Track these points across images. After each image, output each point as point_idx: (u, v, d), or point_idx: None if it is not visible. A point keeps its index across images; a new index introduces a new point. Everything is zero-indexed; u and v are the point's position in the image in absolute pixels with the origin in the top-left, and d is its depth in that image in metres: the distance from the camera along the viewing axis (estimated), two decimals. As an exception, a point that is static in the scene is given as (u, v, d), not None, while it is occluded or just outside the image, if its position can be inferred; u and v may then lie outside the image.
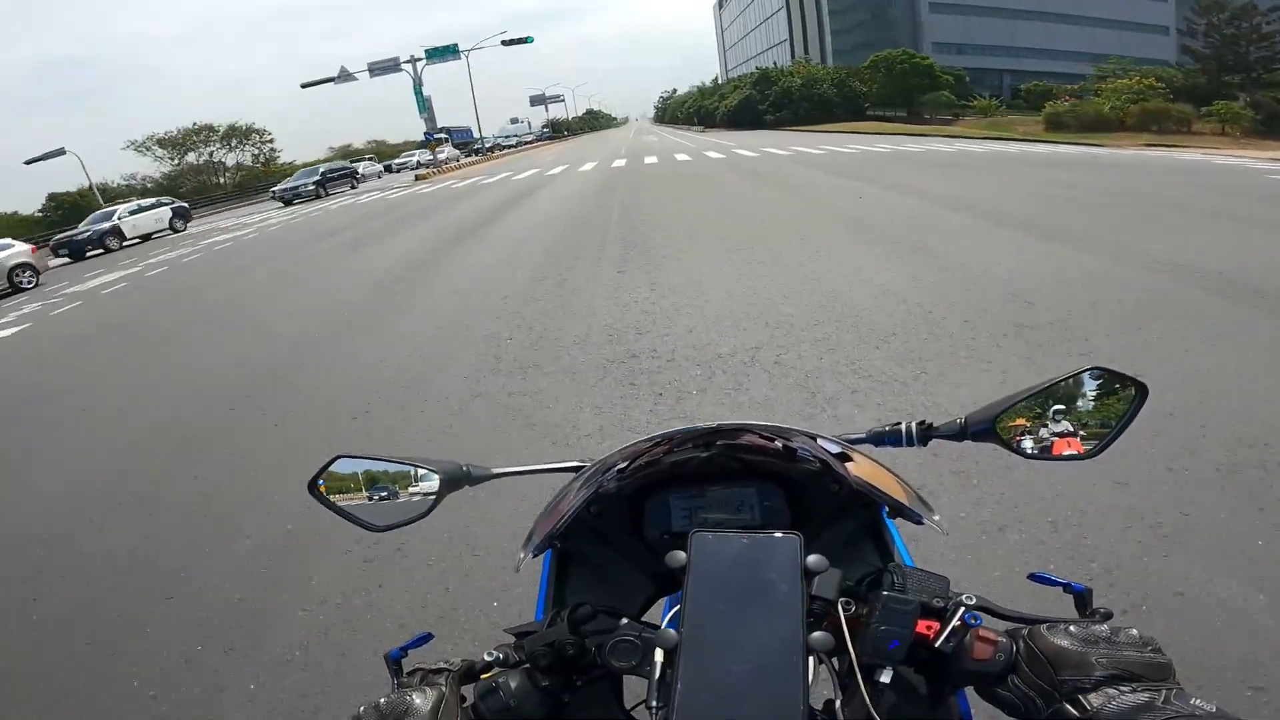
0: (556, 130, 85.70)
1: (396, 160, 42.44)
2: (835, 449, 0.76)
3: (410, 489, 0.83)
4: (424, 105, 29.20)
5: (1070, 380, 0.75)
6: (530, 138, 74.61)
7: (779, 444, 0.77)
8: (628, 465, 0.76)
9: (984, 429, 0.76)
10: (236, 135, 51.09)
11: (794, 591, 0.54)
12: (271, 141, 53.17)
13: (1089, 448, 0.75)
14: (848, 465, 0.74)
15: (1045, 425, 0.76)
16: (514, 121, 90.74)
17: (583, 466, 0.82)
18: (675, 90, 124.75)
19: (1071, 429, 0.76)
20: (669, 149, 28.82)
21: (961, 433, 0.78)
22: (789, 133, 37.67)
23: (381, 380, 4.39)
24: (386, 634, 2.07)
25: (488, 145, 51.40)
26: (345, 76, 29.65)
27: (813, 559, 0.57)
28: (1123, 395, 0.75)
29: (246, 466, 3.44)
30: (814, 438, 0.75)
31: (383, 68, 29.60)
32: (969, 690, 0.60)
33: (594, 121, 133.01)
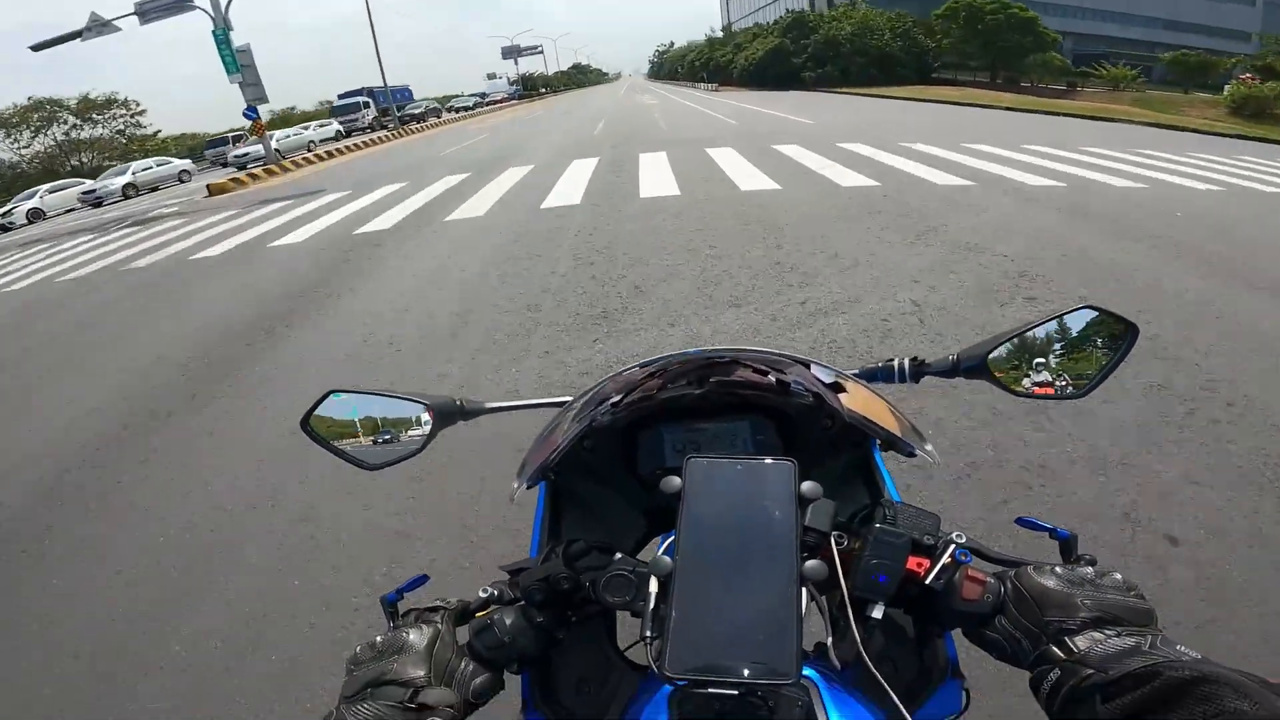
0: (529, 87, 70.90)
1: (290, 132, 29.15)
2: (828, 378, 0.76)
3: (403, 424, 0.81)
4: (234, 63, 15.83)
5: (1062, 318, 0.74)
6: (501, 96, 60.61)
7: (772, 378, 0.76)
8: (621, 399, 0.75)
9: (976, 365, 0.76)
10: (93, 109, 39.28)
11: (788, 519, 0.53)
12: (141, 113, 41.07)
13: (1080, 385, 0.75)
14: (841, 396, 0.74)
15: (1037, 362, 0.75)
16: (491, 78, 76.84)
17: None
18: (672, 43, 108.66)
19: (1062, 367, 0.75)
20: (687, 125, 16.79)
21: (954, 369, 0.78)
22: (852, 98, 24.94)
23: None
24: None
25: (419, 110, 37.63)
26: (99, 27, 16.21)
27: (806, 486, 0.55)
28: (1114, 334, 0.74)
29: None
30: (807, 365, 0.77)
31: (161, 8, 16.14)
32: (956, 636, 0.60)
33: (580, 77, 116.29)
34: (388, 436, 0.81)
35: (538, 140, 16.49)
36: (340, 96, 37.41)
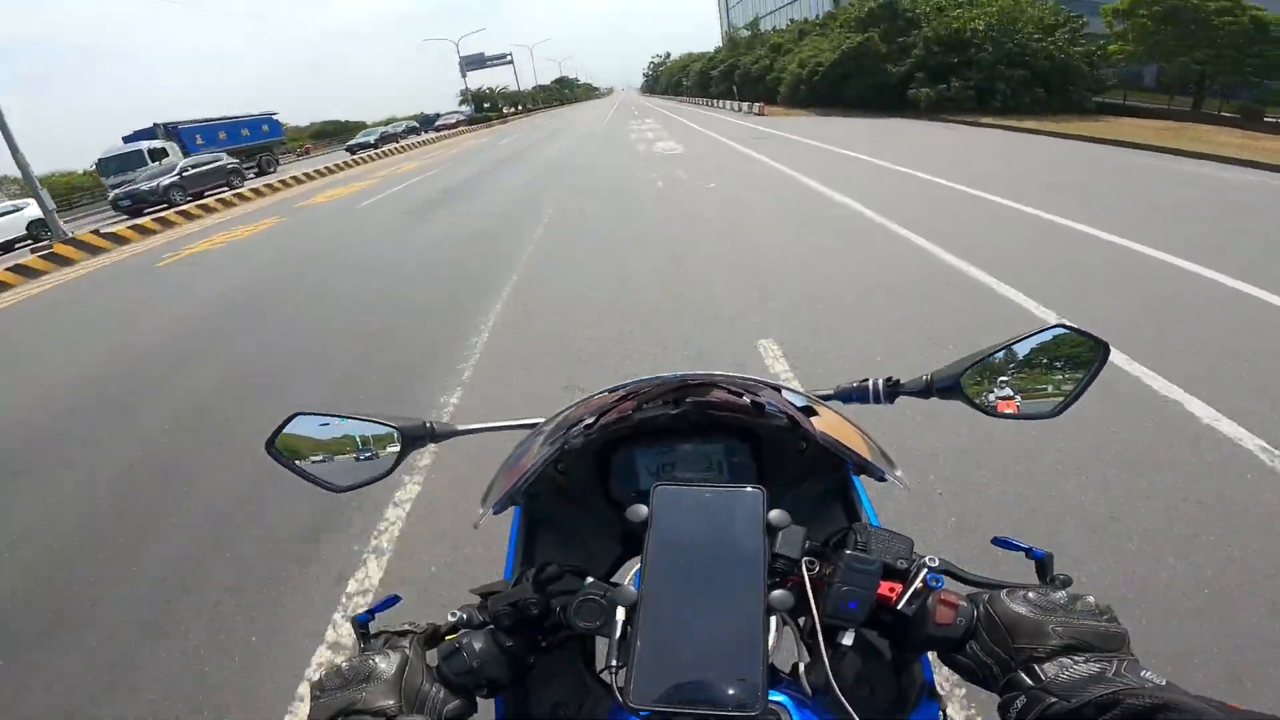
0: (487, 109, 54.92)
1: None
2: (801, 402, 0.76)
3: (371, 447, 0.79)
4: None
5: (1033, 338, 0.74)
6: (454, 120, 46.86)
7: (747, 399, 0.76)
8: (594, 421, 0.73)
9: (950, 385, 0.75)
10: None
11: (756, 547, 0.53)
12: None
13: (1052, 405, 0.74)
14: (814, 420, 0.73)
15: (1009, 383, 0.75)
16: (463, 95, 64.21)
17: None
18: (669, 54, 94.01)
19: (1035, 386, 0.75)
20: None
21: (928, 390, 0.77)
22: (1125, 153, 10.28)
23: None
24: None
25: (153, 186, 17.11)
26: None
27: (775, 514, 0.56)
28: (1085, 353, 0.74)
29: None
30: (779, 390, 0.76)
31: None
32: (932, 656, 0.59)
33: (563, 93, 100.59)
34: (355, 459, 0.79)
35: None
36: (126, 140, 22.18)
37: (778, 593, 0.52)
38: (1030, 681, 0.47)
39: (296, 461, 0.78)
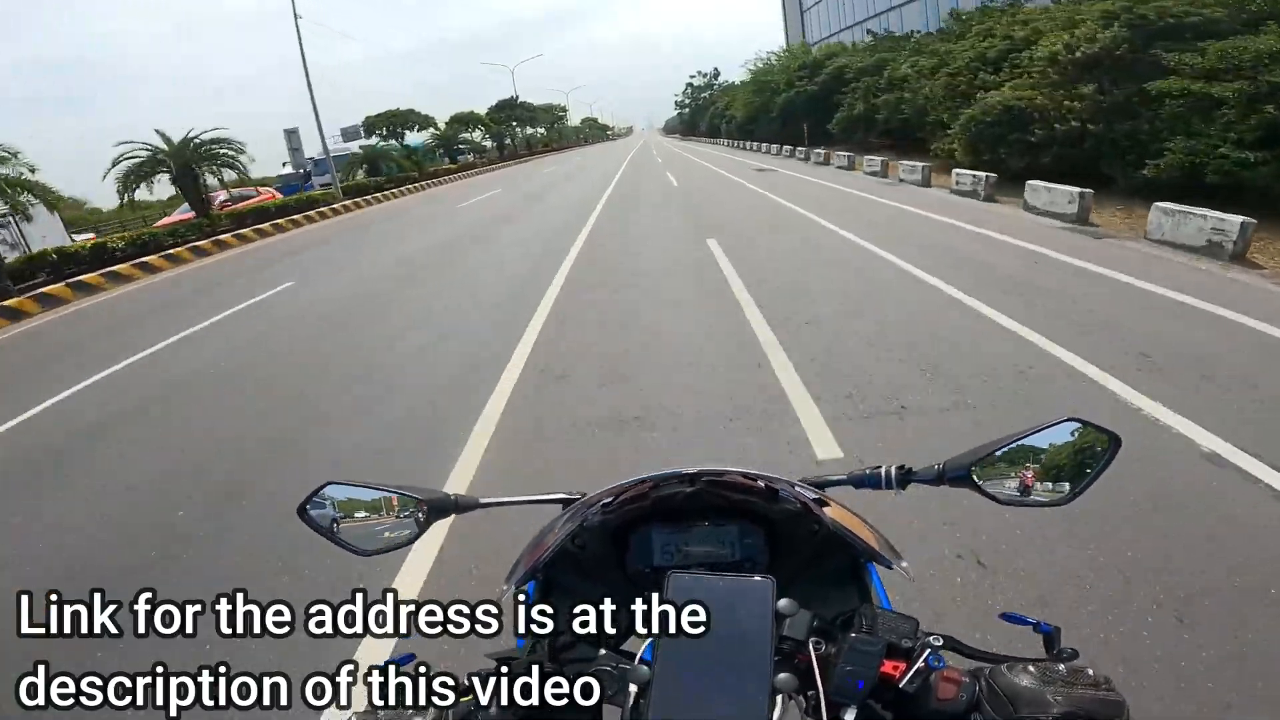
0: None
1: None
2: (812, 495, 0.79)
3: (397, 516, 0.84)
4: None
5: (1046, 429, 0.75)
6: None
7: (761, 484, 0.79)
8: (613, 500, 0.79)
9: (961, 475, 0.76)
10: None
11: (764, 634, 0.57)
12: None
13: (1062, 495, 0.75)
14: (824, 510, 0.77)
15: (1021, 473, 0.76)
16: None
17: (570, 499, 0.86)
18: (716, 71, 63.44)
19: (1046, 477, 0.76)
20: None
21: (939, 478, 0.78)
22: None
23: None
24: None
25: None
26: None
27: (783, 603, 0.59)
28: (1096, 445, 0.75)
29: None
30: (792, 485, 0.79)
31: None
32: None
33: (501, 132, 48.66)
34: (381, 526, 0.83)
35: None
36: None
37: (783, 676, 0.54)
38: None
39: (327, 527, 0.81)
